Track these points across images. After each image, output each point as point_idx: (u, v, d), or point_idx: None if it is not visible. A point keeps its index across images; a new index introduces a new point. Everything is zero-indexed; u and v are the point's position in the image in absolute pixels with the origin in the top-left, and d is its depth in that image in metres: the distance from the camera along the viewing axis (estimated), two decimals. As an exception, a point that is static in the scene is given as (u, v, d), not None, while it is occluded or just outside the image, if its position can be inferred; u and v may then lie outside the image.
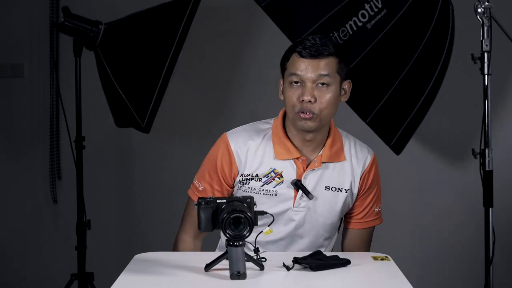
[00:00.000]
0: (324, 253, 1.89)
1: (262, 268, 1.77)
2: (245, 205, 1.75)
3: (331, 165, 2.14)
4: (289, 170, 2.11)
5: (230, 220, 1.67)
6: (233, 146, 2.13)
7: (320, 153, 2.13)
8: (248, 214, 1.68)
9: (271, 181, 2.11)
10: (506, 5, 3.25)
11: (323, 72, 2.03)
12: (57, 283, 3.37)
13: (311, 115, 2.03)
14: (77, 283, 3.02)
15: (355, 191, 2.16)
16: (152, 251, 2.02)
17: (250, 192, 2.11)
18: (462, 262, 3.54)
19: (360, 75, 2.68)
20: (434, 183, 3.56)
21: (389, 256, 1.95)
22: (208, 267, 1.76)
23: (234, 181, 2.14)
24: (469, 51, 2.77)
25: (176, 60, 2.88)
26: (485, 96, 2.76)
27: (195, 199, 2.12)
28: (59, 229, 3.64)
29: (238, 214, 1.67)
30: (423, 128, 2.93)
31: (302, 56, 2.04)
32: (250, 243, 1.78)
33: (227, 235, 1.67)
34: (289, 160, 2.11)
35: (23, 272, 3.67)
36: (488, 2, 2.73)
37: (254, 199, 1.97)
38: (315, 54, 2.03)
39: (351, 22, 2.65)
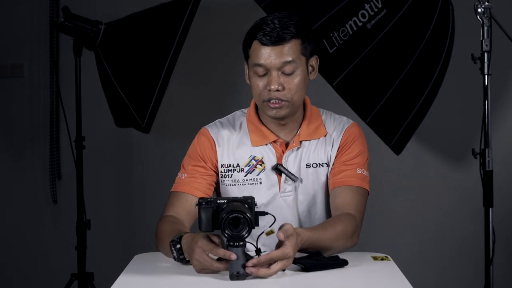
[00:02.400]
0: (324, 255, 1.89)
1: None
2: (246, 205, 1.74)
3: (309, 142, 2.09)
4: (269, 155, 2.07)
5: (229, 220, 1.67)
6: (212, 134, 2.11)
7: (298, 132, 2.09)
8: (248, 215, 1.67)
9: (254, 169, 2.07)
10: (506, 5, 3.25)
11: (287, 59, 1.96)
12: (57, 283, 3.37)
13: (281, 103, 1.99)
14: (77, 283, 3.02)
15: (334, 158, 2.08)
16: (152, 251, 2.02)
17: (235, 184, 2.07)
18: (462, 262, 3.54)
19: (360, 75, 2.68)
20: (434, 183, 3.57)
21: (389, 256, 1.95)
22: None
23: (217, 169, 2.09)
24: (469, 51, 2.77)
25: (176, 60, 2.88)
26: (485, 96, 2.77)
27: (178, 189, 2.07)
28: (59, 229, 3.64)
29: (237, 215, 1.66)
30: (423, 128, 2.93)
31: (263, 43, 1.96)
32: (252, 244, 1.77)
33: (226, 235, 1.67)
34: (267, 145, 2.07)
35: (23, 272, 3.67)
36: (488, 2, 2.73)
37: (240, 190, 2.01)
38: (276, 40, 1.94)
39: (351, 22, 2.65)
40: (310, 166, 2.08)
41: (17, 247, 3.67)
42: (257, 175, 2.07)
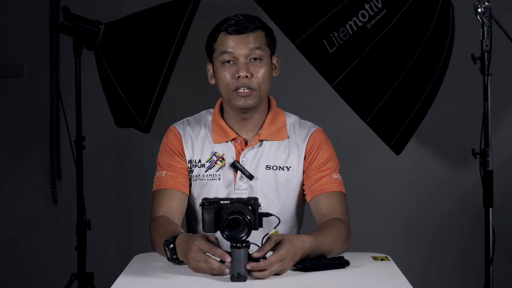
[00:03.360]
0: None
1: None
2: (249, 207, 1.73)
3: (271, 143, 2.12)
4: (229, 153, 2.11)
5: (229, 222, 1.67)
6: (179, 130, 2.17)
7: (259, 132, 2.12)
8: (247, 217, 1.67)
9: (214, 165, 2.11)
10: (506, 5, 3.25)
11: (253, 46, 2.03)
12: (57, 283, 3.37)
13: (249, 92, 2.04)
14: (77, 283, 3.02)
15: (302, 167, 2.11)
16: (152, 251, 2.02)
17: (197, 179, 2.11)
18: (462, 262, 3.54)
19: (360, 75, 2.68)
20: (434, 183, 3.56)
21: (389, 257, 1.95)
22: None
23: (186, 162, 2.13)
24: (469, 51, 2.78)
25: (176, 60, 2.88)
26: (485, 96, 2.77)
27: (161, 186, 2.09)
28: (59, 229, 3.64)
29: (236, 216, 1.66)
30: (423, 128, 2.93)
31: (229, 33, 2.04)
32: (257, 245, 1.77)
33: (225, 236, 1.67)
34: (227, 143, 2.12)
35: (23, 272, 3.67)
36: (488, 2, 2.73)
37: (201, 185, 2.05)
38: (242, 29, 2.04)
39: (351, 22, 2.64)
40: (270, 168, 2.11)
41: (17, 247, 3.67)
42: (217, 171, 2.10)
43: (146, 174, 3.60)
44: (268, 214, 1.78)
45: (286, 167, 2.11)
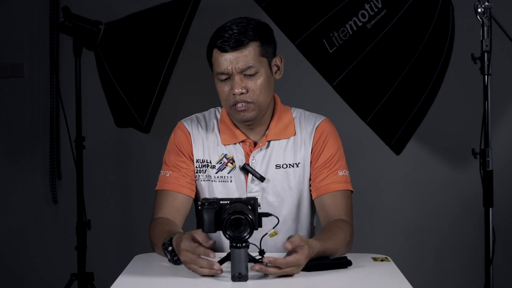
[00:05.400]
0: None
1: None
2: (249, 207, 1.74)
3: (279, 142, 2.10)
4: (238, 155, 2.09)
5: (231, 222, 1.67)
6: (188, 128, 2.13)
7: (266, 133, 2.10)
8: (249, 216, 1.67)
9: (225, 167, 2.09)
10: (506, 5, 3.26)
11: (247, 63, 1.99)
12: (57, 283, 3.37)
13: (247, 106, 2.01)
14: (77, 283, 3.02)
15: (309, 160, 2.09)
16: (152, 251, 2.02)
17: (208, 180, 2.09)
18: (462, 262, 3.54)
19: (360, 75, 2.68)
20: (434, 183, 3.57)
21: (389, 257, 1.95)
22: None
23: (193, 164, 2.11)
24: (469, 51, 2.78)
25: (176, 60, 2.88)
26: (485, 96, 2.77)
27: (164, 187, 2.08)
28: (59, 229, 3.64)
29: (238, 216, 1.66)
30: (423, 128, 2.93)
31: (222, 50, 1.99)
32: (255, 245, 1.77)
33: (227, 236, 1.67)
34: (236, 145, 2.09)
35: (23, 272, 3.67)
36: (488, 2, 2.73)
37: (211, 187, 2.03)
38: (234, 45, 1.98)
39: (351, 22, 2.64)
40: (280, 167, 2.09)
41: (17, 247, 3.67)
42: (228, 173, 2.09)
43: (146, 174, 3.62)
44: (267, 214, 1.78)
45: (296, 163, 2.09)
